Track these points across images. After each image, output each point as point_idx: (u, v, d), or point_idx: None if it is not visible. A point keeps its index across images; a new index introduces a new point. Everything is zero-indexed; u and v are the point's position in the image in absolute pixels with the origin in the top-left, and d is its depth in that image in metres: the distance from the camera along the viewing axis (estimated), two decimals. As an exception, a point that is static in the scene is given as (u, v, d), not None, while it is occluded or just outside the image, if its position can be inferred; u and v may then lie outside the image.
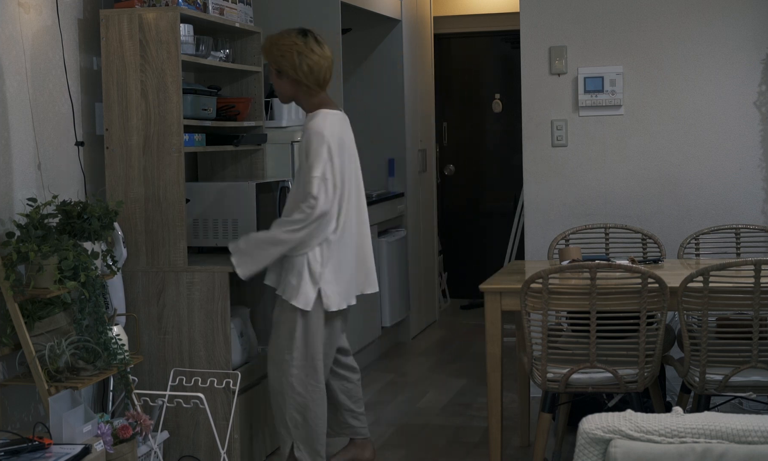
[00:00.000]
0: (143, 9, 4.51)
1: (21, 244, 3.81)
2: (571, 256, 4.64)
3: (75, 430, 3.65)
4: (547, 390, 4.23)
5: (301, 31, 4.47)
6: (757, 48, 5.57)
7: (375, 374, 6.56)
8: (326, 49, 4.46)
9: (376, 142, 7.34)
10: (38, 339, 3.93)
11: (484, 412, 5.50)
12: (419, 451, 5.05)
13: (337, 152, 4.35)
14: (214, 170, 5.40)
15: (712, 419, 2.41)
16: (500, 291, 4.40)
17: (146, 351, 4.58)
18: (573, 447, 2.60)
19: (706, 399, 4.20)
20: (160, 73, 4.49)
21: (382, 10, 7.15)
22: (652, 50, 5.69)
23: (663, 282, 4.07)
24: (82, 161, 4.56)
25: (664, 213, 5.68)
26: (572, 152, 5.78)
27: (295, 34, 4.45)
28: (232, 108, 5.11)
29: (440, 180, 8.97)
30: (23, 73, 4.20)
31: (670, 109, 5.68)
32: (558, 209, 5.80)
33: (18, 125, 4.16)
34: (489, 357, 4.43)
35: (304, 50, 4.40)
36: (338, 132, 4.41)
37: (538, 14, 5.79)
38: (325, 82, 4.46)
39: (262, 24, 5.66)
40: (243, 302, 5.11)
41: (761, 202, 5.59)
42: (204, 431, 4.55)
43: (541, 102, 5.81)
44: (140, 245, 4.57)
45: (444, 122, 9.11)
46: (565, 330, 4.58)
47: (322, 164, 4.28)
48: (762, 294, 4.03)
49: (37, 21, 4.29)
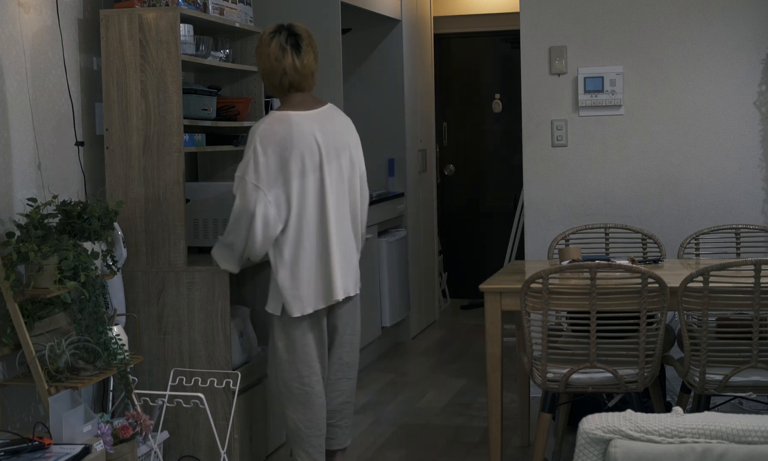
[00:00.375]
0: (143, 9, 4.51)
1: (21, 244, 3.81)
2: (571, 256, 4.64)
3: (75, 430, 3.65)
4: (547, 390, 4.23)
5: (277, 29, 4.29)
6: (757, 48, 5.57)
7: (375, 374, 6.56)
8: (290, 56, 4.23)
9: (376, 142, 7.34)
10: (38, 339, 3.93)
11: (484, 412, 5.50)
12: (419, 451, 5.05)
13: (277, 153, 4.14)
14: (214, 170, 5.40)
15: (712, 419, 2.41)
16: (500, 291, 4.40)
17: (146, 351, 4.58)
18: (573, 447, 2.60)
19: (706, 399, 4.20)
20: (160, 73, 4.49)
21: (382, 10, 7.15)
22: (652, 50, 5.69)
23: (663, 282, 4.07)
24: (82, 161, 4.56)
25: (664, 213, 5.68)
26: (572, 152, 5.78)
27: (269, 32, 4.30)
28: (232, 108, 5.11)
29: (440, 180, 8.97)
30: (23, 73, 4.20)
31: (670, 109, 5.68)
32: (558, 209, 5.80)
33: (18, 125, 4.16)
34: (489, 357, 4.43)
35: (261, 52, 4.28)
36: (286, 133, 4.16)
37: (538, 14, 5.79)
38: (292, 86, 4.25)
39: (262, 24, 5.65)
40: (243, 302, 5.12)
41: (761, 202, 5.59)
42: (204, 431, 4.55)
43: (541, 102, 5.81)
44: (140, 245, 4.57)
45: (444, 122, 9.11)
46: (565, 330, 4.58)
47: (243, 164, 4.16)
48: (762, 294, 4.02)
49: (37, 21, 4.29)
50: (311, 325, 4.28)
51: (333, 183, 4.25)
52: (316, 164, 4.21)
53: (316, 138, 4.23)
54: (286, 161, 4.16)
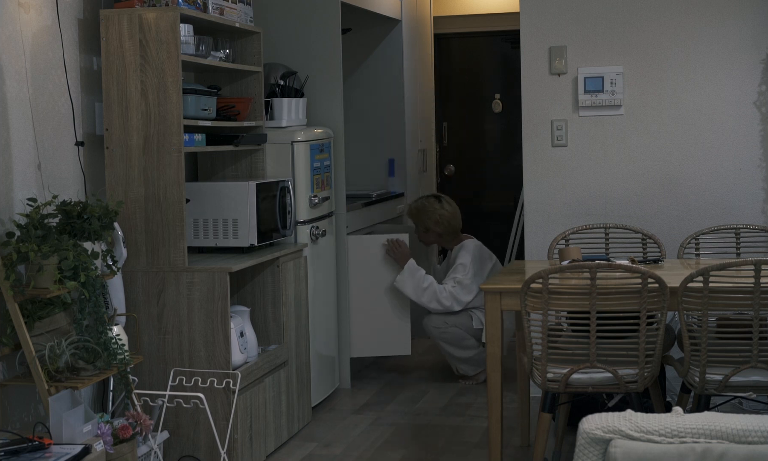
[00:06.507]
0: (143, 9, 4.51)
1: (21, 244, 3.81)
2: (571, 256, 4.64)
3: (75, 430, 3.65)
4: (547, 390, 4.23)
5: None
6: (757, 48, 5.57)
7: (375, 374, 6.56)
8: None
9: (376, 142, 7.34)
10: (38, 339, 3.93)
11: (484, 412, 5.50)
12: (419, 451, 5.05)
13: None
14: (214, 170, 5.40)
15: (712, 419, 2.41)
16: (500, 291, 4.39)
17: (146, 351, 4.58)
18: (573, 447, 2.60)
19: (706, 399, 4.20)
20: (160, 73, 4.49)
21: (382, 10, 7.15)
22: (652, 50, 5.69)
23: (663, 282, 4.07)
24: (82, 161, 4.56)
25: (664, 213, 5.68)
26: (572, 152, 5.78)
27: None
28: (232, 108, 5.11)
29: (440, 180, 8.96)
30: (23, 73, 4.20)
31: (670, 109, 5.68)
32: (558, 209, 5.80)
33: (18, 125, 4.16)
34: (489, 356, 4.43)
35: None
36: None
37: (538, 14, 5.79)
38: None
39: (262, 24, 5.66)
40: (243, 302, 5.12)
41: (761, 202, 5.59)
42: (204, 431, 4.55)
43: (541, 102, 5.81)
44: (140, 245, 4.57)
45: (444, 122, 9.10)
46: (565, 330, 4.58)
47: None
48: (762, 294, 4.02)
49: (37, 21, 4.29)
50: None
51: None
52: None
53: None
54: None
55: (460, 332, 6.23)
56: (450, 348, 6.27)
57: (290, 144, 5.54)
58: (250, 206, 4.93)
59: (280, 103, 5.65)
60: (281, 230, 5.22)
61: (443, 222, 6.40)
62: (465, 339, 6.23)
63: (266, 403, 4.88)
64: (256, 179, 5.11)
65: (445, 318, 6.26)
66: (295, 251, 5.31)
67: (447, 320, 6.25)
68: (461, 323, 6.24)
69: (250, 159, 5.37)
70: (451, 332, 6.23)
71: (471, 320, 6.25)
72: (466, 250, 6.34)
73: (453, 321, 6.23)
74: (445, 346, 6.28)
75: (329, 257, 5.94)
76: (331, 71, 6.06)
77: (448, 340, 6.25)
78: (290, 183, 5.34)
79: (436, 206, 6.40)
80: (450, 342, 6.25)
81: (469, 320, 6.25)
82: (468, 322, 6.25)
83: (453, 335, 6.23)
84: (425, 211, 6.44)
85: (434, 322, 6.28)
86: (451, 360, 6.34)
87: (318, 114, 6.05)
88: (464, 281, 6.21)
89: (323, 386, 5.80)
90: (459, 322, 6.24)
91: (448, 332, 6.24)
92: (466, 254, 6.30)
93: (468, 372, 6.31)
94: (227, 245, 4.97)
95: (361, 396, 6.03)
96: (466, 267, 6.25)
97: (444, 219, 6.40)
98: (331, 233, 5.95)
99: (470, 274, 6.24)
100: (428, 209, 6.42)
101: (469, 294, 6.21)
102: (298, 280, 5.33)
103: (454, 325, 6.23)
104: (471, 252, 6.32)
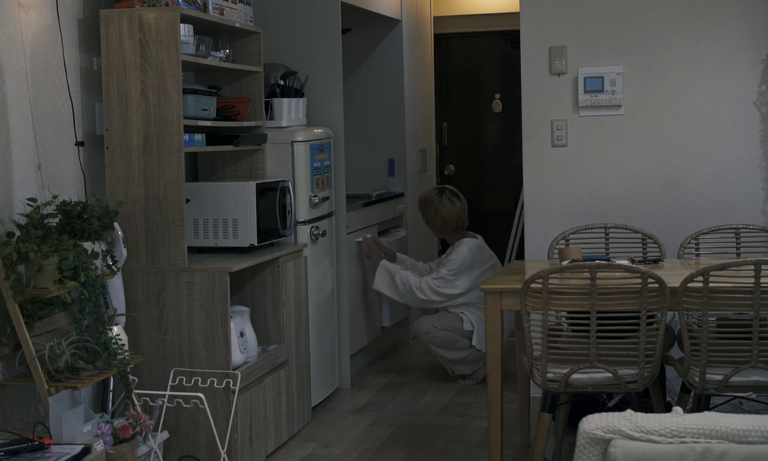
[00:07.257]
0: (143, 9, 4.51)
1: (21, 244, 3.81)
2: (571, 256, 4.64)
3: (75, 430, 3.65)
4: (547, 390, 4.23)
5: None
6: (757, 48, 5.57)
7: (375, 374, 6.56)
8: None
9: (376, 142, 7.34)
10: (38, 339, 3.93)
11: (484, 412, 5.50)
12: (419, 451, 5.05)
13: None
14: (214, 170, 5.40)
15: (712, 419, 2.41)
16: (500, 291, 4.39)
17: (146, 351, 4.58)
18: (573, 447, 2.60)
19: (706, 399, 4.20)
20: (160, 73, 4.49)
21: (382, 10, 7.15)
22: (652, 50, 5.69)
23: (663, 282, 4.07)
24: (82, 161, 4.56)
25: (664, 213, 5.68)
26: (572, 152, 5.78)
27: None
28: (232, 108, 5.11)
29: (440, 180, 8.96)
30: (23, 73, 4.20)
31: (670, 109, 5.68)
32: (558, 209, 5.80)
33: (18, 125, 4.16)
34: (489, 356, 4.43)
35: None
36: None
37: (538, 14, 5.79)
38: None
39: (262, 24, 5.66)
40: (243, 302, 5.12)
41: (761, 202, 5.59)
42: (204, 431, 4.55)
43: (541, 102, 5.81)
44: (140, 245, 4.57)
45: (444, 122, 9.10)
46: (565, 330, 4.58)
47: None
48: (762, 294, 4.02)
49: (37, 21, 4.29)
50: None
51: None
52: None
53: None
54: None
55: (451, 335, 6.23)
56: (442, 351, 6.27)
57: (290, 144, 5.55)
58: (250, 206, 4.93)
59: (280, 103, 5.65)
60: (281, 230, 5.22)
61: (439, 218, 6.44)
62: (457, 340, 6.23)
63: (266, 403, 4.89)
64: (256, 179, 5.11)
65: (433, 322, 6.27)
66: (295, 251, 5.31)
67: (436, 323, 6.26)
68: (451, 325, 6.25)
69: (250, 159, 5.37)
70: (441, 335, 6.24)
71: (461, 323, 6.25)
72: (462, 247, 6.35)
73: (443, 324, 6.24)
74: (438, 350, 6.28)
75: (329, 258, 5.94)
76: (331, 71, 6.06)
77: (439, 343, 6.26)
78: (290, 183, 5.34)
79: (435, 201, 6.45)
80: (442, 345, 6.25)
81: (459, 322, 6.26)
82: (458, 323, 6.25)
83: (444, 338, 6.23)
84: (425, 203, 6.52)
85: (424, 327, 6.30)
86: (446, 363, 6.35)
87: (318, 114, 6.05)
88: (447, 276, 6.24)
89: (323, 386, 5.80)
90: (449, 324, 6.25)
91: (438, 335, 6.25)
92: (460, 251, 6.31)
93: (465, 371, 6.31)
94: (227, 245, 4.97)
95: (361, 396, 6.03)
96: (454, 263, 6.28)
97: (440, 215, 6.44)
98: (331, 233, 5.95)
99: (456, 270, 6.25)
100: (428, 201, 6.49)
101: (453, 288, 6.23)
102: (298, 280, 5.33)
103: (444, 328, 6.24)
104: (466, 250, 6.31)
